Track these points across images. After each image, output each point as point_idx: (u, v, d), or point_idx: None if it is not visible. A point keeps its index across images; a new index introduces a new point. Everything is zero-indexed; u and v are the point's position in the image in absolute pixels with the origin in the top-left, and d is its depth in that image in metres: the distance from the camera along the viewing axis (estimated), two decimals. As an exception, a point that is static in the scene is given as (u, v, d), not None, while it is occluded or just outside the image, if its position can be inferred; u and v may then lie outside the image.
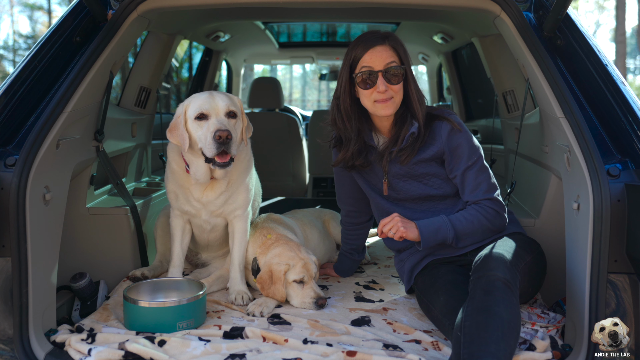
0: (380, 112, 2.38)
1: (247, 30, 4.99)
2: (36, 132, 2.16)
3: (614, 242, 1.98)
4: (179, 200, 2.68)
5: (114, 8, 2.53)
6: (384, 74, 2.33)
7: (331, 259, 3.18)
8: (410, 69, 2.42)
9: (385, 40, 2.37)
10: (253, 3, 3.13)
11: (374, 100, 2.37)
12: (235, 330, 2.22)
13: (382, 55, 2.34)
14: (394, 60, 2.35)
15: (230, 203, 2.66)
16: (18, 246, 2.04)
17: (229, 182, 2.61)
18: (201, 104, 2.42)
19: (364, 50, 2.35)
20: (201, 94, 2.49)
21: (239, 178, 2.65)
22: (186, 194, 2.64)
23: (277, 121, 5.25)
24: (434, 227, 2.35)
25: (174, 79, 6.79)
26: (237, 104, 2.52)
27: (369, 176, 2.60)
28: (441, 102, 6.23)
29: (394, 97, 2.37)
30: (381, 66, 2.33)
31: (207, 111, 2.41)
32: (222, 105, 2.43)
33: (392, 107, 2.38)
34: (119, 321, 2.36)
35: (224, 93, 2.52)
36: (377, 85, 2.33)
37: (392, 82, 2.35)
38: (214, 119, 2.40)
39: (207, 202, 2.63)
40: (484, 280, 2.01)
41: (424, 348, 2.16)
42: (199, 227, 2.78)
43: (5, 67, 26.71)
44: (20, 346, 2.04)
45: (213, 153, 2.36)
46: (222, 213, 2.69)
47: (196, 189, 2.60)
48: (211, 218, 2.71)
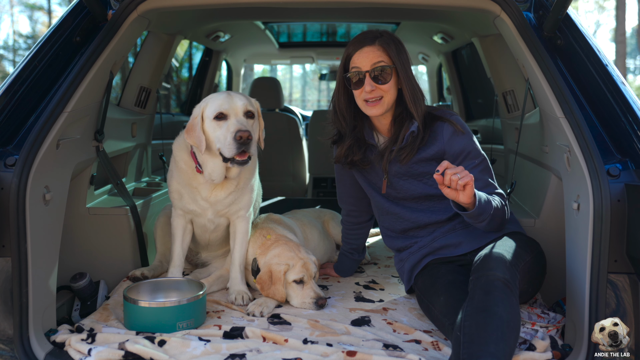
0: (369, 111, 2.42)
1: (247, 30, 4.99)
2: (36, 132, 2.16)
3: (614, 242, 1.98)
4: (183, 200, 2.68)
5: (114, 8, 2.53)
6: (371, 74, 2.36)
7: (331, 259, 3.18)
8: (404, 69, 2.41)
9: (375, 41, 2.39)
10: (253, 3, 3.13)
11: (363, 100, 2.41)
12: (235, 330, 2.22)
13: (369, 56, 2.37)
14: (382, 60, 2.37)
15: (236, 203, 2.67)
16: (18, 246, 2.04)
17: (238, 183, 2.63)
18: (220, 104, 2.42)
19: (354, 51, 2.41)
20: (219, 94, 2.49)
21: (247, 178, 2.66)
22: (193, 193, 2.63)
23: (277, 121, 5.25)
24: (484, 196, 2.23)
25: (174, 79, 6.79)
26: (255, 104, 2.53)
27: (370, 175, 2.61)
28: (441, 102, 6.23)
29: (384, 97, 2.39)
30: (368, 66, 2.37)
31: (226, 111, 2.41)
32: (240, 105, 2.43)
33: (382, 108, 2.40)
34: (119, 321, 2.36)
35: (242, 93, 2.54)
36: (365, 85, 2.37)
37: (380, 82, 2.37)
38: (234, 119, 2.40)
39: (215, 201, 2.63)
40: (484, 280, 2.01)
41: (424, 348, 2.16)
42: (201, 227, 2.78)
43: (5, 67, 26.71)
44: (20, 346, 2.04)
45: (233, 153, 2.36)
46: (227, 213, 2.70)
47: (205, 188, 2.60)
48: (216, 218, 2.71)
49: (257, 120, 2.52)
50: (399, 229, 2.60)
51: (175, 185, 2.68)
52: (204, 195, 2.62)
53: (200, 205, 2.66)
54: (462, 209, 2.22)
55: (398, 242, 2.62)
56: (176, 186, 2.68)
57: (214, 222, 2.74)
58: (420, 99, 2.44)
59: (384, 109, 2.41)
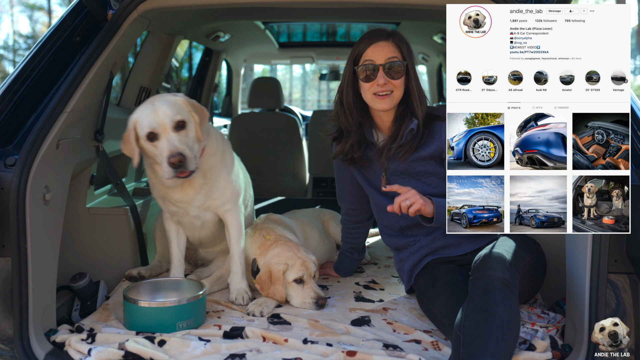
0: (379, 105, 2.43)
1: (247, 30, 4.99)
2: (36, 132, 2.16)
3: (614, 242, 1.98)
4: (166, 204, 2.68)
5: (114, 8, 2.53)
6: (384, 68, 2.40)
7: (331, 259, 3.18)
8: (413, 68, 2.46)
9: (390, 37, 2.45)
10: (253, 3, 3.14)
11: (373, 93, 2.43)
12: (235, 330, 2.22)
13: (384, 50, 2.41)
14: (396, 56, 2.42)
15: (214, 195, 2.62)
16: (18, 246, 2.04)
17: (205, 174, 2.57)
18: (149, 123, 2.35)
19: (367, 45, 2.44)
20: (144, 109, 2.39)
21: (215, 168, 2.60)
22: (168, 197, 2.63)
23: (277, 121, 5.24)
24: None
25: (174, 79, 6.80)
26: (183, 106, 2.41)
27: (368, 173, 2.62)
28: (441, 102, 6.23)
29: (394, 91, 2.42)
30: (382, 60, 2.40)
31: (154, 130, 2.35)
32: (167, 121, 2.34)
33: (391, 102, 2.43)
34: (119, 321, 2.36)
35: (166, 101, 2.40)
36: (377, 79, 2.40)
37: (393, 76, 2.41)
38: (164, 139, 2.34)
39: (189, 200, 2.60)
40: (484, 280, 2.01)
41: (424, 348, 2.16)
42: (189, 225, 2.75)
43: (5, 67, 26.71)
44: (20, 346, 2.04)
45: (171, 176, 2.33)
46: (210, 207, 2.66)
47: (174, 191, 2.58)
48: (200, 212, 2.67)
49: (190, 123, 2.41)
50: (397, 227, 2.60)
51: (154, 192, 2.69)
52: (176, 198, 2.60)
53: (179, 206, 2.64)
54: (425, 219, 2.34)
55: (397, 240, 2.62)
56: (155, 193, 2.68)
57: (200, 219, 2.70)
58: (424, 98, 2.48)
59: (393, 104, 2.44)
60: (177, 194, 2.58)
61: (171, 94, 2.49)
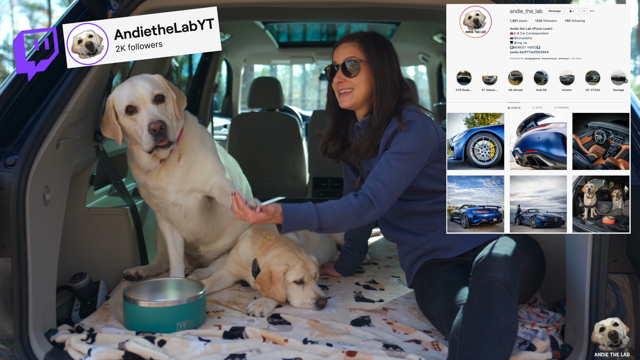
0: (341, 103, 2.57)
1: (247, 30, 4.99)
2: (36, 132, 2.15)
3: (614, 242, 1.98)
4: (149, 196, 2.69)
5: (114, 8, 2.53)
6: (342, 67, 2.52)
7: (332, 260, 3.18)
8: (380, 66, 2.48)
9: (354, 39, 2.55)
10: (253, 3, 3.13)
11: (337, 92, 2.56)
12: (235, 330, 2.22)
13: (344, 51, 2.54)
14: (354, 56, 2.51)
15: (194, 174, 2.59)
16: (18, 246, 2.04)
17: (179, 157, 2.57)
18: (127, 96, 2.40)
19: (335, 48, 2.60)
20: (123, 85, 2.46)
21: (194, 149, 2.59)
22: (147, 189, 2.64)
23: (277, 121, 5.24)
24: (300, 217, 2.28)
25: (174, 79, 6.79)
26: (161, 83, 2.49)
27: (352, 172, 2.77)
28: (441, 102, 6.23)
29: (355, 89, 2.51)
30: (341, 60, 2.54)
31: (134, 103, 2.40)
32: (146, 94, 2.40)
33: (351, 99, 2.53)
34: (119, 321, 2.36)
35: (145, 77, 2.47)
36: (335, 77, 2.54)
37: (348, 74, 2.50)
38: (144, 110, 2.39)
39: (164, 185, 2.59)
40: (483, 282, 2.01)
41: (424, 348, 2.16)
42: (174, 218, 2.71)
43: (5, 67, 26.70)
44: (20, 346, 2.04)
45: (152, 146, 2.36)
46: (194, 188, 2.61)
47: (150, 179, 2.59)
48: (180, 198, 2.62)
49: (168, 98, 2.48)
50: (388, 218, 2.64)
51: (141, 192, 2.72)
52: (152, 185, 2.60)
53: (156, 195, 2.64)
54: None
55: (395, 234, 2.64)
56: (141, 192, 2.71)
57: (182, 207, 2.65)
58: (388, 97, 2.46)
59: (354, 102, 2.53)
60: (153, 179, 2.59)
61: (148, 74, 2.54)
